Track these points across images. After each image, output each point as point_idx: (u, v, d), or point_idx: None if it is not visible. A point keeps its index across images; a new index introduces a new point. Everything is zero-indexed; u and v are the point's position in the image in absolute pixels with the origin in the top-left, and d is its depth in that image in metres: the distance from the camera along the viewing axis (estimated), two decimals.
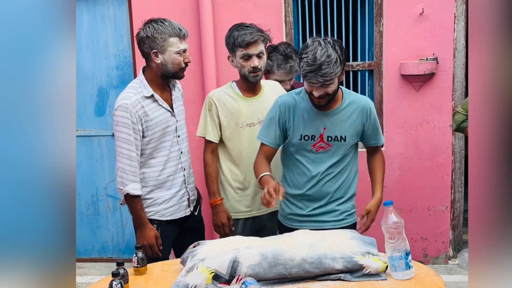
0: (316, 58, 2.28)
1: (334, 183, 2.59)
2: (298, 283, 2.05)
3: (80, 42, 4.40)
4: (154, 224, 2.74)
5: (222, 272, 2.02)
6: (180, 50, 2.65)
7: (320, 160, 2.55)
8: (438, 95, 4.09)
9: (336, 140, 2.53)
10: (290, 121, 2.53)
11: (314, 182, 2.57)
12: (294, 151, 2.58)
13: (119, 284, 1.99)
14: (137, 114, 2.61)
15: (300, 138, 2.53)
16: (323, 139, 2.52)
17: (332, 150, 2.54)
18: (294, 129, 2.53)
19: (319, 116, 2.51)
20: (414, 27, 4.03)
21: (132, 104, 2.61)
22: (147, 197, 2.74)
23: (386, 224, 2.08)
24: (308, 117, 2.52)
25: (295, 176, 2.61)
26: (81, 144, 4.53)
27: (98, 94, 4.47)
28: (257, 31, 2.77)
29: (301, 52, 2.36)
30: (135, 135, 2.62)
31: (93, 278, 4.28)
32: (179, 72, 2.70)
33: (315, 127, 2.52)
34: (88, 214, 4.63)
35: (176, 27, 2.66)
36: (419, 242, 4.27)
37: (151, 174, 2.72)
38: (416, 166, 4.21)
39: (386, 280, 2.05)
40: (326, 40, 2.34)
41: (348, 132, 2.54)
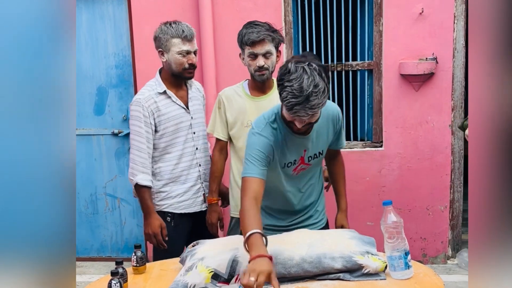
0: (303, 89, 2.01)
1: (312, 193, 2.52)
2: (297, 283, 2.05)
3: (79, 41, 4.40)
4: (168, 217, 2.85)
5: (221, 271, 2.02)
6: (182, 51, 2.76)
7: (299, 181, 2.43)
8: (437, 95, 4.09)
9: (315, 157, 2.40)
10: (276, 150, 2.28)
11: (295, 203, 2.46)
12: (273, 180, 2.35)
13: (118, 283, 1.99)
14: (149, 109, 2.75)
15: (283, 166, 2.34)
16: (304, 161, 2.37)
17: (311, 168, 2.43)
18: (276, 158, 2.29)
19: (299, 139, 2.31)
20: (414, 27, 4.04)
21: (145, 99, 2.76)
22: (162, 190, 2.85)
23: (385, 224, 2.08)
24: (289, 144, 2.30)
25: (271, 200, 2.45)
26: (80, 143, 4.53)
27: (97, 93, 4.47)
28: (265, 30, 2.70)
29: (282, 79, 2.07)
30: (146, 128, 2.75)
31: (91, 277, 4.28)
32: (183, 72, 2.80)
33: (296, 151, 2.33)
34: (87, 213, 4.63)
35: (180, 29, 2.78)
36: (418, 242, 4.27)
37: (166, 168, 2.83)
38: (415, 166, 4.21)
39: (385, 280, 2.04)
40: (312, 67, 2.06)
41: (325, 146, 2.43)
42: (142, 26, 4.26)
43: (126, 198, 4.58)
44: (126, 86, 4.43)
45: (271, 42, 2.71)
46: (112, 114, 4.48)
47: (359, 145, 4.26)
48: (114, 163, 4.54)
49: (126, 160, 4.52)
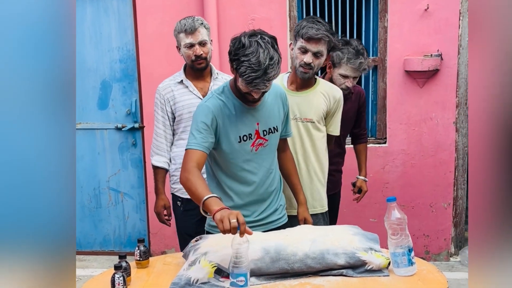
0: (260, 63, 2.10)
1: (274, 179, 2.49)
2: (300, 278, 2.05)
3: (83, 35, 4.39)
4: (178, 201, 3.04)
5: (225, 266, 2.02)
6: (187, 44, 2.90)
7: (262, 159, 2.41)
8: (442, 91, 4.08)
9: (271, 132, 2.40)
10: (225, 123, 2.31)
11: (261, 184, 2.43)
12: (231, 158, 2.36)
13: (121, 277, 1.99)
14: (165, 97, 2.96)
15: (239, 140, 2.33)
16: (259, 135, 2.37)
17: (269, 144, 2.41)
18: (229, 132, 2.32)
19: (249, 112, 2.34)
20: (419, 23, 4.02)
21: (163, 87, 2.99)
22: (174, 173, 3.01)
23: (389, 220, 2.07)
24: (241, 115, 2.32)
25: (234, 185, 2.41)
26: (83, 137, 4.53)
27: (101, 87, 4.47)
28: (325, 30, 2.61)
29: (238, 53, 2.15)
30: (163, 114, 2.98)
31: (94, 271, 4.29)
32: (194, 64, 2.94)
33: (249, 124, 2.34)
34: (90, 207, 4.64)
35: (183, 23, 2.92)
36: (421, 238, 4.27)
37: (179, 153, 2.95)
38: (419, 162, 4.20)
39: (389, 276, 2.04)
40: (265, 40, 2.14)
41: (277, 122, 2.44)
42: (147, 20, 4.25)
43: (129, 192, 4.59)
44: (130, 81, 4.42)
45: (326, 43, 2.63)
46: (116, 108, 4.48)
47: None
48: (118, 158, 4.54)
49: (129, 155, 4.52)
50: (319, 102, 2.71)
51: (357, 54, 3.08)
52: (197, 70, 2.95)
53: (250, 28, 2.30)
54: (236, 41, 2.19)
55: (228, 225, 1.91)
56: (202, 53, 2.89)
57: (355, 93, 3.29)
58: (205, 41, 2.92)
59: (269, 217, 2.50)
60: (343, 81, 3.10)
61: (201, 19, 2.93)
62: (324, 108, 2.73)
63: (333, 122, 2.79)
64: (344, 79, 3.09)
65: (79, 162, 4.54)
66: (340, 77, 3.10)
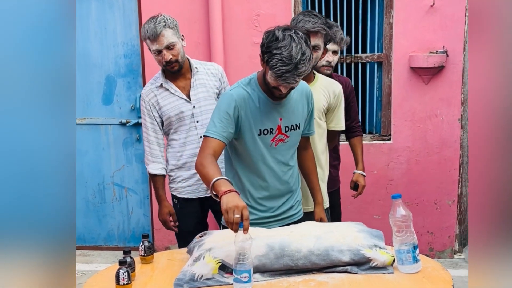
0: (292, 57, 2.10)
1: (292, 176, 2.49)
2: (305, 275, 2.05)
3: (88, 30, 4.39)
4: (174, 199, 3.01)
5: (229, 262, 2.02)
6: (154, 51, 2.80)
7: (280, 155, 2.41)
8: (447, 88, 4.06)
9: (293, 129, 2.40)
10: (248, 115, 2.31)
11: (278, 178, 2.43)
12: (250, 150, 2.36)
13: (126, 272, 1.99)
14: (149, 102, 2.89)
15: (259, 133, 2.33)
16: (281, 131, 2.38)
17: (289, 141, 2.41)
18: (251, 124, 2.32)
19: (274, 106, 2.34)
20: (425, 19, 4.00)
21: (146, 93, 2.91)
22: (170, 174, 2.99)
23: (394, 217, 2.07)
24: (264, 109, 2.33)
25: (254, 178, 2.40)
26: (88, 132, 4.53)
27: (105, 83, 4.47)
28: (321, 23, 2.61)
29: (270, 46, 2.14)
30: (151, 120, 2.90)
31: (98, 266, 4.30)
32: (166, 68, 2.85)
33: (272, 119, 2.35)
34: (95, 203, 4.65)
35: (146, 29, 2.78)
36: (425, 236, 4.26)
37: (172, 154, 2.95)
38: (423, 159, 4.19)
39: (393, 274, 2.04)
40: (298, 35, 2.14)
41: (300, 119, 2.44)
42: (151, 15, 4.23)
43: (134, 187, 4.59)
44: (135, 76, 4.42)
45: (323, 36, 2.64)
46: (120, 103, 4.48)
47: (367, 138, 4.24)
48: (122, 153, 4.54)
49: (133, 150, 4.53)
50: (319, 97, 2.71)
51: (332, 25, 3.06)
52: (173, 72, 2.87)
53: (255, 24, 2.30)
54: (269, 33, 2.18)
55: (232, 219, 1.93)
56: (171, 57, 2.78)
57: (342, 83, 3.15)
58: (172, 43, 2.77)
59: (285, 212, 2.50)
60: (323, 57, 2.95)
61: (164, 20, 2.78)
62: (324, 103, 2.72)
63: (335, 117, 2.79)
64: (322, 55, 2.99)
65: (84, 157, 4.55)
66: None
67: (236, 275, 1.92)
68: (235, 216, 1.92)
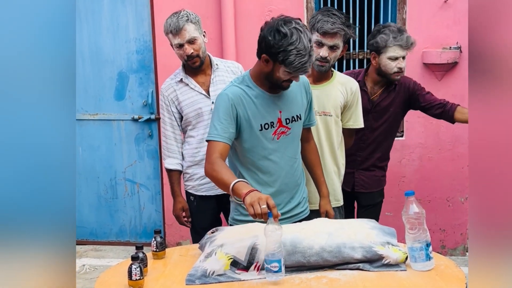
0: (305, 47, 2.15)
1: (297, 169, 2.47)
2: (317, 272, 2.04)
3: (100, 26, 4.40)
4: (191, 197, 3.02)
5: (241, 258, 2.02)
6: (176, 44, 2.84)
7: (284, 148, 2.39)
8: (460, 85, 4.02)
9: (294, 120, 2.39)
10: (246, 112, 2.30)
11: (285, 173, 2.41)
12: (252, 146, 2.35)
13: (138, 267, 2.00)
14: (169, 97, 2.92)
15: (260, 129, 2.32)
16: (282, 123, 2.36)
17: (291, 133, 2.39)
18: (251, 120, 2.31)
19: (272, 100, 2.34)
20: (438, 15, 3.97)
21: (165, 88, 2.95)
22: (187, 171, 3.00)
23: (407, 214, 2.06)
24: (262, 104, 2.32)
25: (258, 175, 2.39)
26: (100, 128, 4.55)
27: (118, 78, 4.48)
28: (340, 23, 2.58)
29: (281, 44, 2.15)
30: (169, 115, 2.94)
31: (110, 261, 4.33)
32: (188, 63, 2.88)
33: (272, 112, 2.34)
34: (107, 198, 4.67)
35: (169, 23, 2.81)
36: (437, 233, 4.23)
37: (189, 151, 2.95)
38: (436, 156, 4.16)
39: (406, 271, 2.03)
40: (299, 25, 2.18)
41: (300, 110, 2.42)
42: (164, 11, 4.24)
43: (145, 183, 4.61)
44: (147, 72, 4.43)
45: (342, 36, 2.61)
46: (133, 99, 4.49)
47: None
48: (134, 149, 4.56)
49: (145, 146, 4.54)
50: (337, 95, 2.69)
51: (399, 31, 3.02)
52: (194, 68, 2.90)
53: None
54: (273, 33, 2.17)
55: (259, 210, 1.93)
56: (192, 51, 2.80)
57: (399, 84, 3.15)
58: (194, 38, 2.80)
59: (293, 209, 2.49)
60: (394, 64, 3.00)
61: (186, 14, 2.80)
62: (341, 100, 2.71)
63: (353, 114, 2.76)
64: (395, 61, 3.00)
65: (96, 153, 4.57)
66: (390, 61, 3.00)
67: (266, 265, 1.94)
68: (261, 207, 1.93)
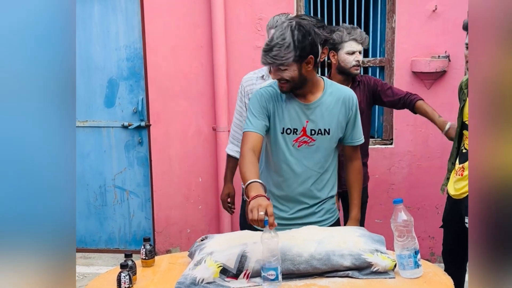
0: (272, 39, 2.22)
1: (319, 183, 2.46)
2: (306, 279, 2.04)
3: (91, 33, 4.40)
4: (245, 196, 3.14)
5: (230, 266, 2.02)
6: None
7: (303, 157, 2.40)
8: (449, 93, 4.05)
9: (320, 133, 2.38)
10: (275, 111, 2.37)
11: (299, 181, 2.42)
12: (274, 147, 2.41)
13: (127, 275, 1.99)
14: (246, 89, 3.03)
15: (282, 132, 2.37)
16: (306, 133, 2.38)
17: (315, 145, 2.39)
18: (276, 120, 2.37)
19: (300, 107, 2.37)
20: (427, 24, 4.01)
21: (246, 79, 3.05)
22: None
23: (395, 222, 2.07)
24: (290, 109, 2.36)
25: (275, 176, 2.44)
26: (90, 135, 4.54)
27: (108, 85, 4.48)
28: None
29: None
30: (241, 104, 3.05)
31: (99, 268, 4.30)
32: None
33: (297, 119, 2.36)
34: (96, 205, 4.65)
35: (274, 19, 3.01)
36: (426, 240, 4.25)
37: None
38: (425, 164, 4.19)
39: (394, 278, 2.04)
40: (292, 23, 2.23)
41: (332, 125, 2.40)
42: (154, 19, 4.25)
43: (135, 190, 4.59)
44: (137, 79, 4.43)
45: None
46: (123, 106, 4.48)
47: (369, 142, 4.23)
48: (124, 156, 4.55)
49: (135, 153, 4.53)
50: None
51: (353, 27, 3.16)
52: None
53: (258, 28, 2.34)
54: None
55: (256, 216, 1.95)
56: None
57: (364, 82, 3.27)
58: None
59: (306, 217, 2.47)
60: (352, 57, 3.13)
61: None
62: None
63: None
64: (352, 55, 3.12)
65: (85, 160, 4.55)
66: (348, 55, 3.12)
67: (263, 273, 1.94)
68: (259, 213, 1.95)
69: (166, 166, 4.43)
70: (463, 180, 2.69)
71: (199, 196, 4.45)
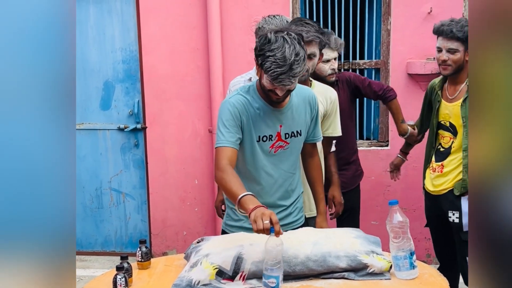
0: (286, 58, 2.09)
1: (293, 184, 2.47)
2: (302, 281, 2.05)
3: (86, 35, 4.40)
4: None
5: (226, 268, 2.02)
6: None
7: (279, 162, 2.39)
8: None
9: (293, 135, 2.38)
10: (249, 121, 2.31)
11: (277, 186, 2.41)
12: (251, 156, 2.36)
13: (123, 278, 1.99)
14: None
15: (258, 140, 2.33)
16: (280, 137, 2.36)
17: (289, 148, 2.39)
18: (252, 130, 2.31)
19: (274, 113, 2.33)
20: (422, 26, 4.02)
21: (233, 83, 2.98)
22: None
23: (391, 223, 2.07)
24: (264, 116, 2.31)
25: (253, 185, 2.37)
26: (86, 137, 4.53)
27: (104, 88, 4.47)
28: (314, 31, 2.60)
29: (263, 49, 2.14)
30: None
31: (95, 271, 4.29)
32: None
33: (272, 125, 2.33)
34: (92, 208, 4.64)
35: None
36: (422, 242, 4.26)
37: None
38: (420, 165, 4.16)
39: (390, 280, 2.04)
40: (291, 36, 2.13)
41: (302, 126, 2.41)
42: (150, 21, 4.26)
43: (131, 193, 4.59)
44: (133, 81, 4.43)
45: (317, 44, 2.64)
46: (119, 109, 4.48)
47: (365, 144, 4.25)
48: (120, 158, 4.55)
49: (131, 155, 4.53)
50: None
51: (327, 33, 3.12)
52: None
53: (253, 30, 2.31)
54: (262, 37, 2.18)
55: (262, 225, 1.92)
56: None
57: (342, 80, 3.29)
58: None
59: (284, 219, 2.45)
60: (328, 66, 3.12)
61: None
62: (321, 110, 2.73)
63: (332, 123, 2.79)
64: (327, 64, 3.12)
65: (81, 162, 4.55)
66: (323, 64, 3.10)
67: (264, 279, 1.94)
68: (264, 222, 1.93)
69: (162, 168, 4.42)
70: (443, 176, 2.93)
71: (196, 198, 4.45)
